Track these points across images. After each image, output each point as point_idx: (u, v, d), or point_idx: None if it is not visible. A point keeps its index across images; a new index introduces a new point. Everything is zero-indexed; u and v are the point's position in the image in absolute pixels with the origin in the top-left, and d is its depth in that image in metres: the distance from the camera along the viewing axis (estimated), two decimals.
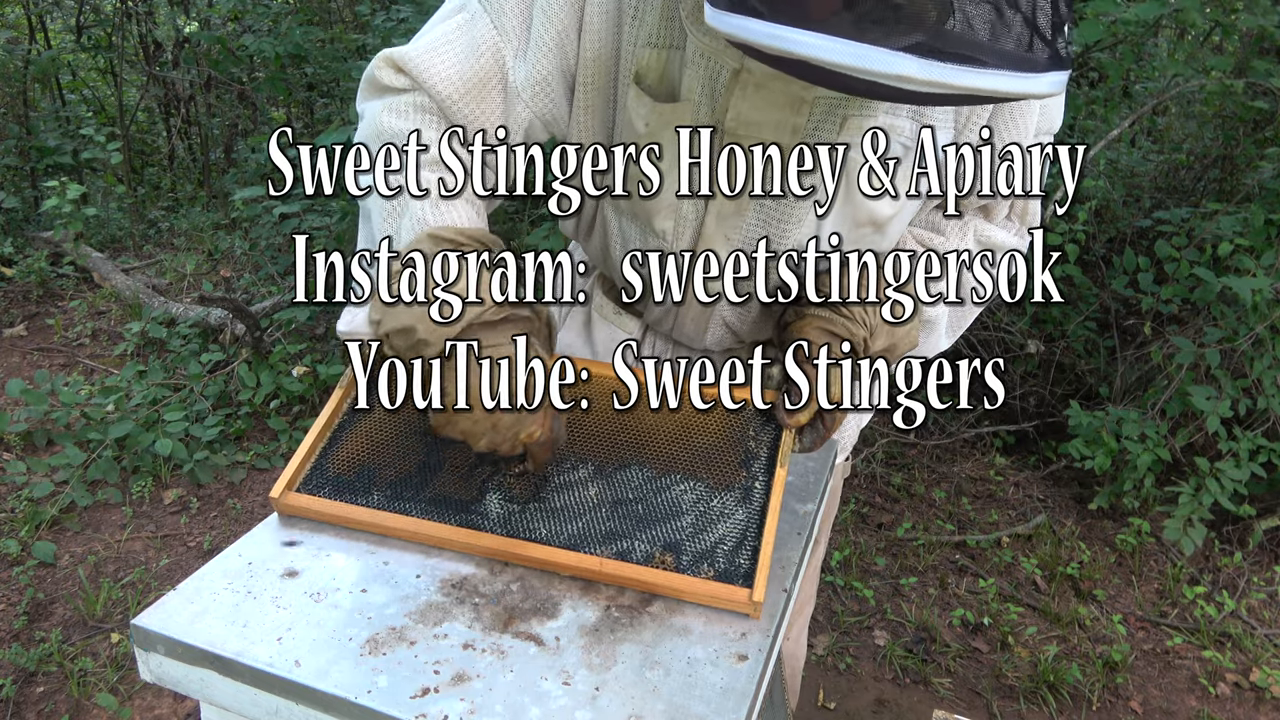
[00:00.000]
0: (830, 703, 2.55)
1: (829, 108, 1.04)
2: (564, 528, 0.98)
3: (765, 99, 1.03)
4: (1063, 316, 3.84)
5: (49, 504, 3.03)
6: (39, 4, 6.13)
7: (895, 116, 1.06)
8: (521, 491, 1.02)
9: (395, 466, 1.05)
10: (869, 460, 3.56)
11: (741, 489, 1.02)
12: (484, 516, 1.00)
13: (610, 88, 1.12)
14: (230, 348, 3.87)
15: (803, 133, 1.05)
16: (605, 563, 0.95)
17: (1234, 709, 2.62)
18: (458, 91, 1.10)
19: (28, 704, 2.36)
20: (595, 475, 1.03)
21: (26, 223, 5.28)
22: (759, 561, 0.95)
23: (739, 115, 1.05)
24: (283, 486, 1.01)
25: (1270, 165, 3.57)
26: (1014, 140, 1.12)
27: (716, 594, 0.94)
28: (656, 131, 1.09)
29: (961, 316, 1.25)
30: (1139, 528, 3.19)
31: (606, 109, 1.14)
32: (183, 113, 6.42)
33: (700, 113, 1.07)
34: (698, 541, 0.97)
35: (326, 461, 1.05)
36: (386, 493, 1.02)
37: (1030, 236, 1.26)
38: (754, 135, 1.06)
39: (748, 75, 1.03)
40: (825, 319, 1.10)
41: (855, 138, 1.05)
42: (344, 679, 0.82)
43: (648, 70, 1.08)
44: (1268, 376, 2.99)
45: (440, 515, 1.01)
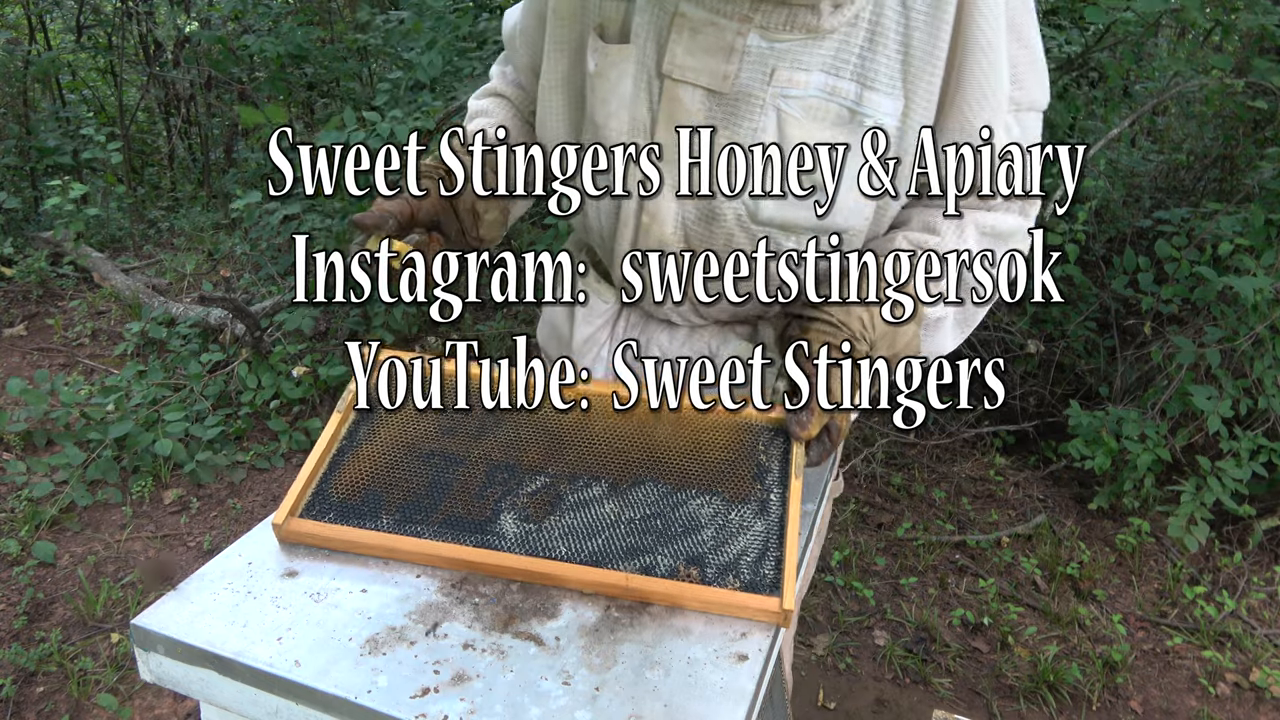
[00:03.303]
0: (830, 703, 2.55)
1: (759, 57, 1.06)
2: (583, 545, 0.97)
3: (699, 44, 1.07)
4: (1063, 316, 3.84)
5: (49, 504, 3.03)
6: (39, 4, 6.13)
7: (836, 78, 1.06)
8: (536, 511, 1.00)
9: (402, 489, 1.02)
10: (869, 460, 3.56)
11: (758, 501, 1.02)
12: (500, 537, 0.97)
13: (574, 40, 1.20)
14: (230, 348, 3.87)
15: (733, 80, 1.08)
16: (631, 578, 0.94)
17: (1234, 709, 2.62)
18: (506, 36, 1.39)
19: (28, 704, 2.36)
20: (610, 492, 1.02)
21: (26, 223, 5.28)
22: (784, 571, 0.94)
23: (674, 58, 1.09)
24: (285, 513, 0.97)
25: (1270, 165, 3.57)
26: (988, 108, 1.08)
27: (746, 604, 0.93)
28: (604, 72, 1.14)
29: (965, 317, 1.22)
30: (1139, 528, 3.19)
31: (567, 59, 1.22)
32: (183, 113, 6.42)
33: (645, 56, 1.11)
34: (720, 554, 0.97)
35: (329, 486, 1.01)
36: (395, 516, 0.99)
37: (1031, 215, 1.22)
38: (689, 79, 1.10)
39: (683, 19, 1.07)
40: (827, 320, 1.09)
41: (787, 90, 1.06)
42: (344, 679, 0.82)
43: (610, 21, 1.14)
44: (1268, 376, 2.99)
45: (455, 537, 0.98)
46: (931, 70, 1.05)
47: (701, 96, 1.09)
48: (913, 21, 1.04)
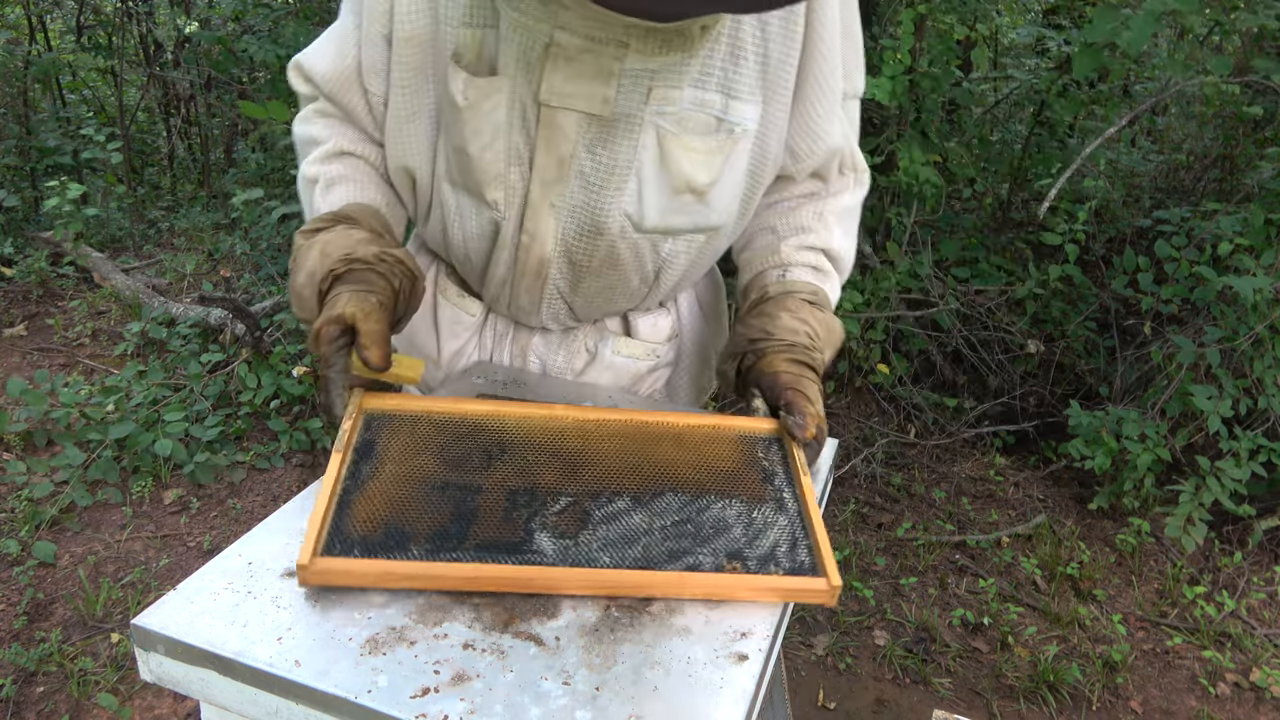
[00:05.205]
0: (830, 703, 2.55)
1: (635, 79, 1.09)
2: (626, 553, 0.97)
3: (576, 71, 1.08)
4: (1063, 316, 3.84)
5: (49, 504, 3.03)
6: (39, 4, 6.13)
7: (704, 90, 1.13)
8: (569, 527, 0.99)
9: (424, 520, 0.97)
10: (869, 460, 3.56)
11: (774, 500, 1.07)
12: (541, 554, 0.95)
13: (429, 66, 1.17)
14: (230, 348, 3.87)
15: (613, 104, 1.10)
16: (685, 576, 0.95)
17: (1234, 709, 2.62)
18: (332, 83, 1.24)
19: (28, 704, 2.37)
20: (634, 505, 1.03)
21: (26, 223, 5.28)
22: (820, 554, 0.99)
23: (552, 87, 1.09)
24: (309, 553, 0.91)
25: (1270, 165, 3.57)
26: (826, 103, 1.22)
27: (798, 587, 0.96)
28: (476, 104, 1.14)
29: (840, 283, 1.41)
30: (1139, 528, 3.19)
31: (423, 86, 1.19)
32: (183, 113, 6.42)
33: (516, 85, 1.12)
34: (755, 548, 1.00)
35: (345, 525, 0.95)
36: (426, 545, 0.94)
37: (865, 183, 1.40)
38: (568, 105, 1.11)
39: (558, 49, 1.07)
40: (779, 341, 1.22)
41: (663, 107, 1.12)
42: (344, 679, 0.82)
43: (465, 49, 1.13)
44: (1268, 376, 2.99)
45: (495, 558, 0.94)
46: (787, 76, 1.17)
47: (581, 120, 1.12)
48: (769, 34, 1.13)
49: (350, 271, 1.11)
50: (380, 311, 1.08)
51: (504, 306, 1.39)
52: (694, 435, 1.14)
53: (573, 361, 1.44)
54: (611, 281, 1.29)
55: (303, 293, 1.12)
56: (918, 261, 3.68)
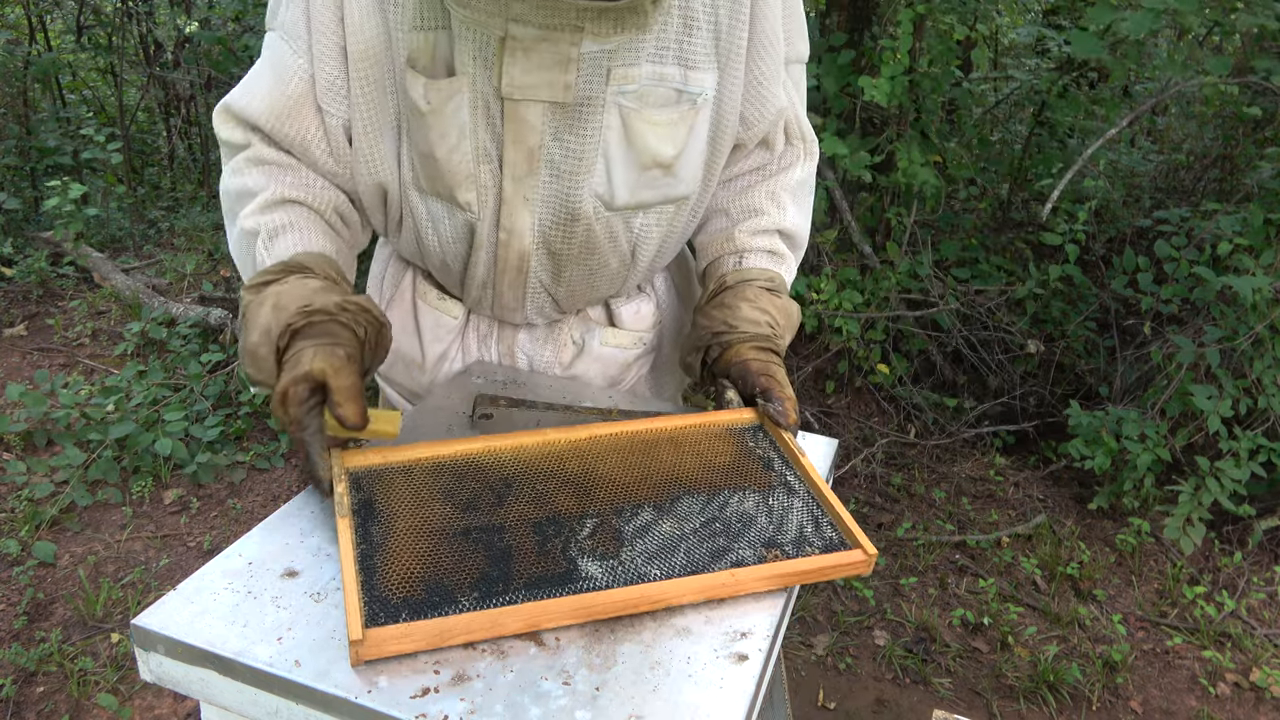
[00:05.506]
0: (830, 703, 2.55)
1: (594, 61, 1.09)
2: (672, 562, 0.97)
3: (535, 61, 1.07)
4: (1063, 316, 3.84)
5: (49, 504, 3.03)
6: (39, 4, 6.13)
7: (661, 64, 1.14)
8: (606, 548, 0.97)
9: (461, 569, 0.93)
10: (869, 460, 3.56)
11: (782, 486, 1.09)
12: (591, 579, 0.93)
13: (387, 78, 1.16)
14: (230, 348, 3.87)
15: (575, 89, 1.10)
16: (735, 573, 0.96)
17: (1234, 709, 2.62)
18: (275, 118, 1.17)
19: (28, 704, 2.37)
20: (658, 514, 1.03)
21: (26, 223, 5.28)
22: (845, 527, 1.02)
23: (512, 80, 1.09)
24: (358, 627, 0.84)
25: (1270, 165, 3.57)
26: (771, 66, 1.24)
27: (840, 562, 0.99)
28: (438, 107, 1.13)
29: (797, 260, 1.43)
30: (1139, 528, 3.19)
31: (384, 99, 1.17)
32: (183, 113, 6.42)
33: (476, 83, 1.11)
34: (784, 534, 1.02)
35: (380, 590, 0.89)
36: (473, 594, 0.89)
37: (815, 153, 1.41)
38: (531, 97, 1.11)
39: (514, 41, 1.06)
40: (741, 333, 1.25)
41: (623, 86, 1.13)
42: (344, 679, 0.82)
43: (419, 53, 1.12)
44: (1268, 376, 2.99)
45: (550, 593, 0.90)
46: (739, 42, 1.19)
47: (545, 110, 1.12)
48: (719, 4, 1.16)
49: (310, 325, 1.04)
50: (350, 365, 1.01)
51: (487, 307, 1.38)
52: (686, 436, 1.16)
53: (560, 355, 1.45)
54: (592, 266, 1.30)
55: (258, 352, 1.04)
56: (918, 261, 3.68)
